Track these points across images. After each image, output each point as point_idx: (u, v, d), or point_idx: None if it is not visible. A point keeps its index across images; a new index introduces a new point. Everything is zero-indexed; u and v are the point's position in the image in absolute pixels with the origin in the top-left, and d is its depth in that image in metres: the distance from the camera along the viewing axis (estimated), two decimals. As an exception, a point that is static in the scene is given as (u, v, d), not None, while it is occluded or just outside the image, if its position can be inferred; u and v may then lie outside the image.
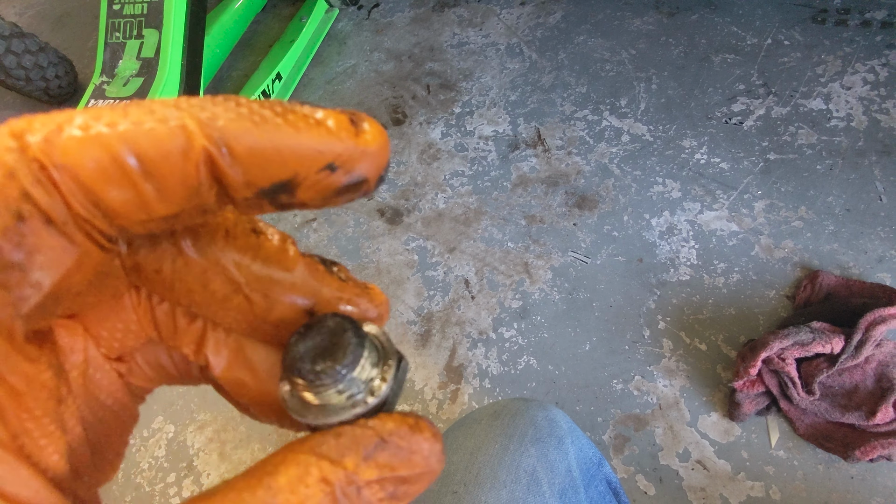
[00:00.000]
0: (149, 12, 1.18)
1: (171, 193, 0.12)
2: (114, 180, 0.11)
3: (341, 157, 0.12)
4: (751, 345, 0.87)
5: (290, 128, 0.12)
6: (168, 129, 0.11)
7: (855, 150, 1.08)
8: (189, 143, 0.11)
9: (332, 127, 0.12)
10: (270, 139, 0.12)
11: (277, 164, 0.12)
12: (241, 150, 0.12)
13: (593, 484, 0.55)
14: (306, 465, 0.12)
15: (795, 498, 0.81)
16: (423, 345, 1.04)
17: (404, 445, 0.13)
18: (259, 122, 0.12)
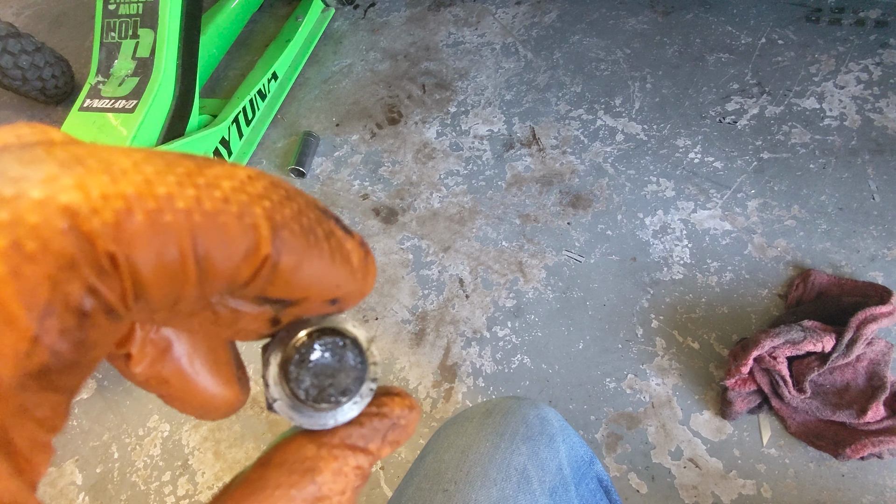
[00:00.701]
0: (144, 12, 1.18)
1: (212, 287, 0.11)
2: (172, 277, 0.10)
3: (347, 295, 0.13)
4: (743, 343, 0.87)
5: (329, 258, 0.12)
6: (242, 227, 0.10)
7: (848, 149, 1.08)
8: (256, 248, 0.11)
9: (355, 264, 0.13)
10: (312, 266, 0.12)
11: (301, 288, 0.12)
12: (286, 268, 0.11)
13: (584, 482, 0.55)
14: (343, 458, 0.14)
15: (787, 496, 0.81)
16: (418, 344, 1.04)
17: (405, 423, 0.16)
18: (312, 243, 0.12)
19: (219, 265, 0.10)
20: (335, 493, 0.14)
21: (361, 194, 1.25)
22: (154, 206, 0.09)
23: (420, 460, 0.52)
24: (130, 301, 0.10)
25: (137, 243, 0.09)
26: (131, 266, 0.09)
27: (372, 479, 0.93)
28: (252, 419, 1.01)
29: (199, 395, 0.16)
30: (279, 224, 0.11)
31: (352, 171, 1.29)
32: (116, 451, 1.03)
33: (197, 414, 0.16)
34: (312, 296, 0.13)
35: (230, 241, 0.10)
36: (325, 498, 0.14)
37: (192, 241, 0.10)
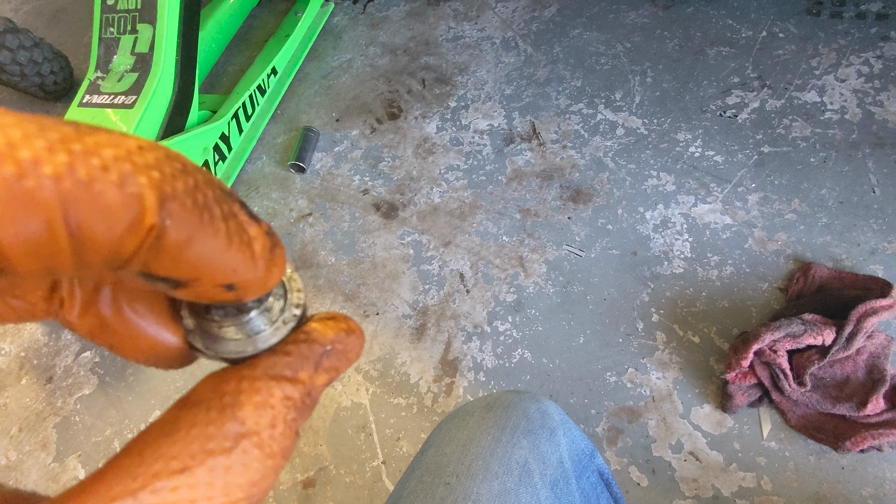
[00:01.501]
0: (143, 7, 1.18)
1: (93, 260, 0.10)
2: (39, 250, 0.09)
3: (245, 283, 0.13)
4: (743, 337, 0.87)
5: (226, 239, 0.11)
6: (123, 196, 0.10)
7: (849, 143, 1.08)
8: (140, 218, 0.10)
9: (257, 251, 0.12)
10: (203, 244, 0.11)
11: (189, 265, 0.11)
12: (173, 243, 0.11)
13: (585, 475, 0.55)
14: (267, 390, 0.13)
15: (787, 488, 0.82)
16: (419, 338, 1.04)
17: (342, 348, 0.15)
18: (206, 221, 0.11)
19: (98, 237, 0.10)
20: (263, 428, 0.12)
21: (362, 189, 1.25)
22: (14, 171, 0.09)
23: (421, 454, 0.53)
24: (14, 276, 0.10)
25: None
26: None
27: (374, 474, 0.93)
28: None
29: (144, 339, 0.15)
30: (168, 195, 0.10)
31: (352, 167, 1.29)
32: (119, 446, 1.03)
33: (149, 361, 0.16)
34: (204, 277, 0.12)
35: (109, 212, 0.10)
36: (251, 433, 0.12)
37: (61, 212, 0.09)
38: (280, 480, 0.95)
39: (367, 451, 0.95)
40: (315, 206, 1.25)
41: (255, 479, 0.12)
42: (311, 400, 0.14)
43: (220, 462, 0.12)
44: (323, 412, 1.00)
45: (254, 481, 0.12)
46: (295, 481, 0.95)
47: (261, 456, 0.12)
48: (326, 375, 0.14)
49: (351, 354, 0.15)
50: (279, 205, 1.27)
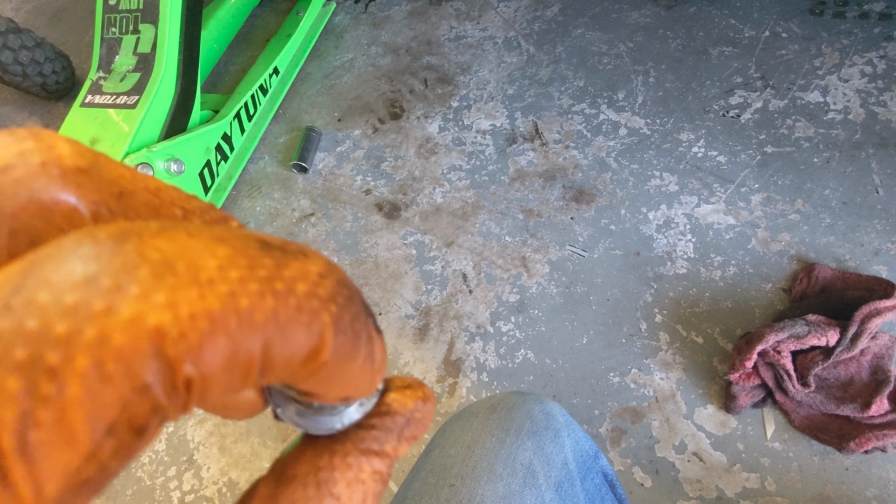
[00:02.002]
0: (145, 7, 1.18)
1: (266, 381, 0.11)
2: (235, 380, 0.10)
3: (360, 394, 0.13)
4: (747, 338, 0.87)
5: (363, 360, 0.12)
6: (308, 334, 0.10)
7: (852, 143, 1.08)
8: (317, 353, 0.11)
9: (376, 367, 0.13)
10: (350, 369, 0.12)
11: (332, 386, 0.12)
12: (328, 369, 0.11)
13: (589, 476, 0.55)
14: (358, 465, 0.14)
15: (791, 489, 0.81)
16: (422, 339, 1.04)
17: (420, 417, 0.15)
18: (356, 347, 0.12)
19: (278, 367, 0.10)
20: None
21: (364, 189, 1.25)
22: (236, 325, 0.09)
23: (425, 455, 0.53)
24: (190, 409, 0.10)
25: (214, 360, 0.09)
26: (204, 383, 0.09)
27: (376, 474, 0.93)
28: (259, 417, 1.02)
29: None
30: (340, 331, 0.11)
31: (354, 167, 1.29)
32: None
33: (221, 414, 0.16)
34: (331, 393, 0.12)
35: (294, 346, 0.10)
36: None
37: (261, 349, 0.10)
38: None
39: (370, 451, 0.95)
40: (317, 207, 1.25)
41: None
42: (391, 467, 0.14)
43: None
44: (325, 413, 1.00)
45: None
46: (298, 482, 0.95)
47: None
48: (407, 445, 0.15)
49: (426, 421, 0.15)
50: (281, 205, 1.27)
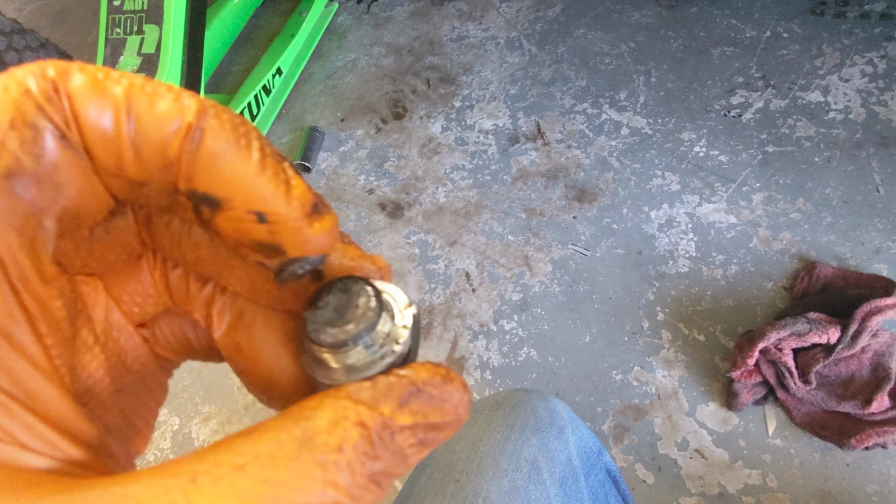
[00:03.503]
0: (149, 8, 1.18)
1: (148, 159, 0.12)
2: (101, 124, 0.12)
3: (276, 218, 0.13)
4: (748, 335, 0.88)
5: (259, 165, 0.13)
6: (174, 104, 0.12)
7: (853, 143, 1.09)
8: (184, 122, 0.12)
9: (294, 193, 0.13)
10: (235, 160, 0.12)
11: (222, 180, 0.12)
12: (206, 149, 0.12)
13: (593, 472, 0.56)
14: (344, 410, 0.13)
15: (792, 485, 0.82)
16: (425, 337, 1.05)
17: (436, 394, 0.14)
18: (243, 144, 0.13)
19: (150, 133, 0.12)
20: (330, 449, 0.12)
21: (367, 189, 1.26)
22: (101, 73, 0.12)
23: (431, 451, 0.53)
24: (73, 129, 0.12)
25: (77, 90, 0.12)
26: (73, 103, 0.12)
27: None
28: (262, 412, 1.02)
29: (265, 365, 0.16)
30: (209, 112, 0.12)
31: (357, 166, 1.30)
32: None
33: (263, 390, 0.17)
34: (235, 198, 0.13)
35: (160, 108, 0.12)
36: (315, 448, 0.12)
37: (127, 105, 0.12)
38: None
39: (374, 449, 0.96)
40: (321, 206, 1.26)
41: (311, 502, 0.11)
42: (394, 448, 0.13)
43: (278, 474, 0.12)
44: (330, 410, 1.00)
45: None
46: (302, 479, 0.95)
47: (321, 478, 0.12)
48: (411, 418, 0.13)
49: (447, 406, 0.14)
50: (285, 204, 1.28)
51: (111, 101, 0.12)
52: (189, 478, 0.11)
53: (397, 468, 0.13)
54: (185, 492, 0.11)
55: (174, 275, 0.17)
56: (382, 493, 0.13)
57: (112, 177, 0.13)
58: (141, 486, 0.11)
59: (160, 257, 0.17)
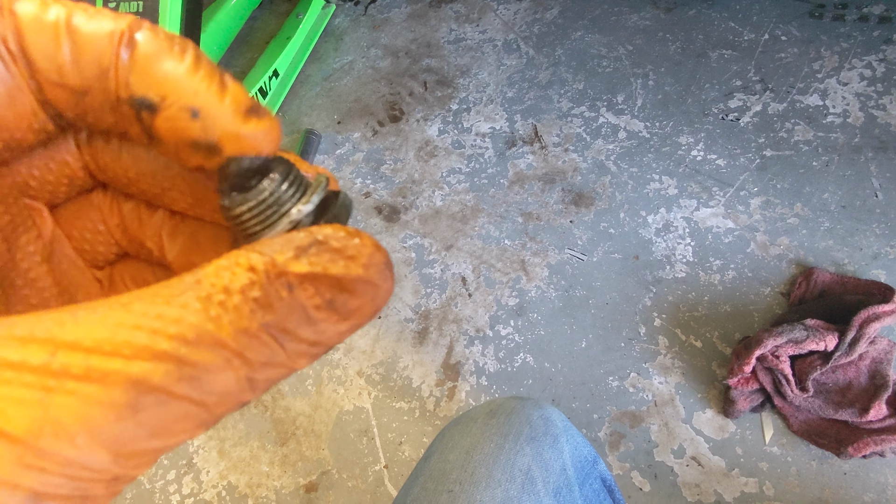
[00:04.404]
0: (144, 10, 1.17)
1: (85, 66, 0.13)
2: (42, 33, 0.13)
3: (209, 112, 0.13)
4: (745, 342, 0.87)
5: (193, 65, 0.13)
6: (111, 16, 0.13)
7: (851, 147, 1.08)
8: (116, 26, 0.13)
9: (228, 92, 0.14)
10: (168, 61, 0.13)
11: (156, 80, 0.13)
12: (141, 54, 0.13)
13: (588, 482, 0.55)
14: (236, 257, 0.12)
15: (789, 494, 0.82)
16: (421, 342, 1.04)
17: (339, 246, 0.13)
18: (177, 50, 0.13)
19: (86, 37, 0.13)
20: (216, 290, 0.11)
21: (363, 192, 1.25)
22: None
23: (425, 460, 0.53)
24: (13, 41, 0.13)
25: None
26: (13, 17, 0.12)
27: (376, 478, 0.93)
28: (256, 417, 1.02)
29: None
30: (144, 23, 0.13)
31: (353, 169, 1.29)
32: None
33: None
34: (168, 95, 0.13)
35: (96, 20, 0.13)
36: (201, 288, 0.11)
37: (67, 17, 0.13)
38: (282, 484, 0.95)
39: (370, 455, 0.95)
40: (317, 209, 1.25)
41: (188, 335, 0.11)
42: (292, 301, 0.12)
43: (158, 308, 0.11)
44: (325, 416, 1.00)
45: (186, 338, 0.11)
46: (297, 485, 0.95)
47: (201, 313, 0.11)
48: (308, 266, 0.12)
49: (353, 263, 0.13)
50: (281, 207, 1.27)
51: (53, 15, 0.13)
52: (69, 312, 0.11)
53: (301, 328, 0.12)
54: (60, 322, 0.11)
55: (126, 207, 0.18)
56: (287, 357, 0.12)
57: (55, 86, 0.13)
58: (19, 319, 0.11)
59: (111, 192, 0.18)
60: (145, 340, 0.11)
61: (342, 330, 0.13)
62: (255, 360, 0.12)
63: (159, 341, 0.11)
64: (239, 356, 0.11)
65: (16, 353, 0.10)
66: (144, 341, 0.11)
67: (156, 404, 0.11)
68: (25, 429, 0.10)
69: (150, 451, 0.11)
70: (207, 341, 0.11)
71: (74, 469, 0.10)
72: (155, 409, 0.11)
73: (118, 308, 0.11)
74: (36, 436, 0.10)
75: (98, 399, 0.10)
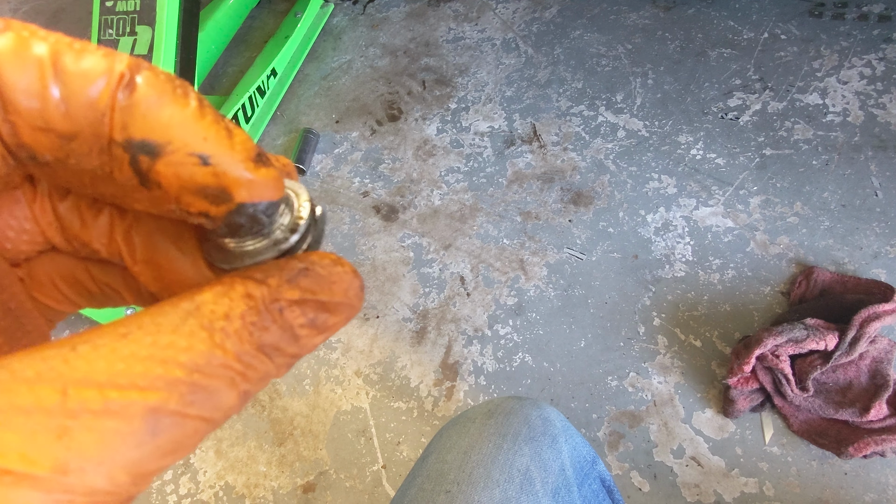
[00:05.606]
0: (142, 9, 1.17)
1: (77, 109, 0.12)
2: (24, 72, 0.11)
3: (220, 160, 0.13)
4: (745, 341, 0.87)
5: (198, 111, 0.13)
6: (103, 55, 0.12)
7: (851, 146, 1.08)
8: (112, 70, 0.12)
9: (236, 139, 0.13)
10: (172, 106, 0.12)
11: (160, 124, 0.12)
12: (141, 97, 0.12)
13: (587, 482, 0.55)
14: (231, 284, 0.13)
15: (789, 494, 0.81)
16: (419, 342, 1.04)
17: (325, 274, 0.14)
18: (180, 94, 0.12)
19: (77, 79, 0.12)
20: (217, 317, 0.12)
21: (362, 192, 1.25)
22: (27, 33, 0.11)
23: (422, 461, 0.52)
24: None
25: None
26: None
27: (374, 478, 0.93)
28: (254, 418, 1.01)
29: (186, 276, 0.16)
30: (143, 64, 0.12)
31: (352, 169, 1.29)
32: None
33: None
34: (174, 140, 0.12)
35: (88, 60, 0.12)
36: (202, 315, 0.12)
37: (53, 57, 0.11)
38: (279, 485, 0.95)
39: (368, 455, 0.95)
40: (315, 209, 1.25)
41: (198, 362, 0.12)
42: (283, 322, 0.13)
43: (163, 338, 0.12)
44: (323, 416, 0.99)
45: (196, 365, 0.12)
46: (295, 486, 0.94)
47: (208, 341, 0.12)
48: (299, 293, 0.13)
49: (336, 287, 0.14)
50: (279, 207, 1.27)
51: (36, 56, 0.11)
52: (69, 347, 0.11)
53: (288, 345, 0.13)
54: (64, 359, 0.11)
55: (64, 206, 0.16)
56: (275, 369, 0.13)
57: (37, 131, 0.12)
58: (16, 358, 0.11)
59: (42, 189, 0.16)
60: (159, 371, 0.11)
61: (317, 342, 0.14)
62: (254, 376, 0.13)
63: (173, 370, 0.12)
64: (241, 375, 0.13)
65: (27, 397, 0.11)
66: (159, 371, 0.11)
67: (171, 427, 0.11)
68: (51, 468, 0.10)
69: (163, 467, 0.12)
70: (215, 366, 0.12)
71: (98, 496, 0.11)
72: (171, 431, 0.11)
73: (121, 340, 0.12)
74: (62, 473, 0.10)
75: (118, 431, 0.11)
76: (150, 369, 0.11)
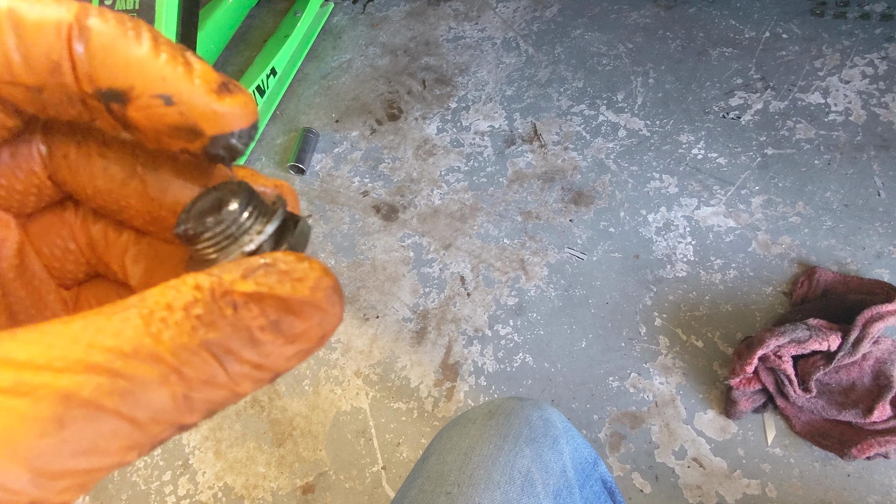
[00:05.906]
0: (141, 7, 1.17)
1: (35, 62, 0.12)
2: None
3: (182, 97, 0.13)
4: (747, 342, 0.86)
5: (152, 51, 0.13)
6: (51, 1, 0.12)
7: (853, 145, 1.07)
8: (63, 14, 0.12)
9: (196, 72, 0.13)
10: (128, 48, 0.12)
11: (119, 70, 0.12)
12: (96, 45, 0.12)
13: (588, 484, 0.55)
14: (184, 277, 0.12)
15: (792, 496, 0.81)
16: (419, 342, 1.03)
17: (286, 269, 0.13)
18: (132, 35, 0.12)
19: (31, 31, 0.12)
20: (159, 307, 0.11)
21: (362, 191, 1.24)
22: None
23: (423, 462, 0.52)
24: None
25: None
26: None
27: (374, 479, 0.92)
28: (253, 418, 1.01)
29: None
30: (91, 10, 0.12)
31: (352, 168, 1.28)
32: None
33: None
34: (135, 84, 0.13)
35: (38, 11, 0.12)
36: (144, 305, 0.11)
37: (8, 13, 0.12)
38: (279, 486, 0.94)
39: (367, 456, 0.94)
40: (314, 208, 1.24)
41: (123, 349, 0.11)
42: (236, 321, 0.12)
43: (100, 322, 0.11)
44: (322, 417, 0.99)
45: (121, 351, 0.11)
46: (294, 486, 0.94)
47: (141, 328, 0.11)
48: (254, 286, 0.12)
49: (300, 285, 0.12)
50: (278, 206, 1.26)
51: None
52: (9, 332, 0.11)
53: (242, 347, 0.12)
54: (1, 339, 0.11)
55: (96, 227, 0.17)
56: (226, 375, 0.12)
57: (7, 85, 0.12)
58: None
59: (83, 210, 0.17)
60: (80, 354, 0.11)
61: (288, 354, 0.12)
62: (194, 377, 0.11)
63: (93, 354, 0.11)
64: (176, 372, 0.11)
65: None
66: (79, 354, 0.10)
67: (84, 419, 0.10)
68: None
69: (75, 471, 0.10)
70: (144, 355, 0.11)
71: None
72: (82, 424, 0.10)
73: (58, 324, 0.11)
74: None
75: (23, 413, 0.10)
76: (70, 352, 0.10)
